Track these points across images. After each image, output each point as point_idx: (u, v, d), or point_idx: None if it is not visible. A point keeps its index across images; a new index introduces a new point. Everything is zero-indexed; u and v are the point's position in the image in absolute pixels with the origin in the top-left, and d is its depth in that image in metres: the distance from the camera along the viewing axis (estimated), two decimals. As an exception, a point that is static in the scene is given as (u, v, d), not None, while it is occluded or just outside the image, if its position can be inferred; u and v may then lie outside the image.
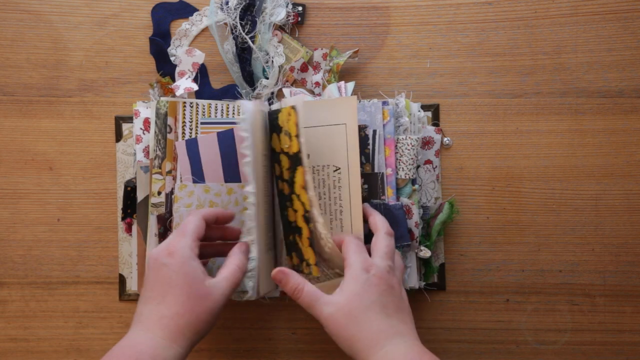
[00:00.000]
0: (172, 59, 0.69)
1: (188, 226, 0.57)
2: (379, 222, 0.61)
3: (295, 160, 0.59)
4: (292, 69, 0.70)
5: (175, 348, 0.53)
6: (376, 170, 0.65)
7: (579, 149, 0.70)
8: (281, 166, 0.61)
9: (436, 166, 0.69)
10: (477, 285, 0.70)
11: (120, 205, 0.69)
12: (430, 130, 0.69)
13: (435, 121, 0.70)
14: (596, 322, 0.70)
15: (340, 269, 0.60)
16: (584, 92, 0.70)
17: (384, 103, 0.66)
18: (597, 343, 0.70)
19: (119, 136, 0.70)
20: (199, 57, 0.67)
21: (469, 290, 0.70)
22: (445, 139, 0.70)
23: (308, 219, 0.60)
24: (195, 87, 0.66)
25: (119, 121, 0.70)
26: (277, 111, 0.61)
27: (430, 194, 0.69)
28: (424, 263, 0.68)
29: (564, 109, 0.70)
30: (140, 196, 0.66)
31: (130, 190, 0.67)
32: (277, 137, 0.60)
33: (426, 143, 0.69)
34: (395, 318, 0.55)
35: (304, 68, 0.70)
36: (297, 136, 0.58)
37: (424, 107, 0.70)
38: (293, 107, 0.59)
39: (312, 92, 0.70)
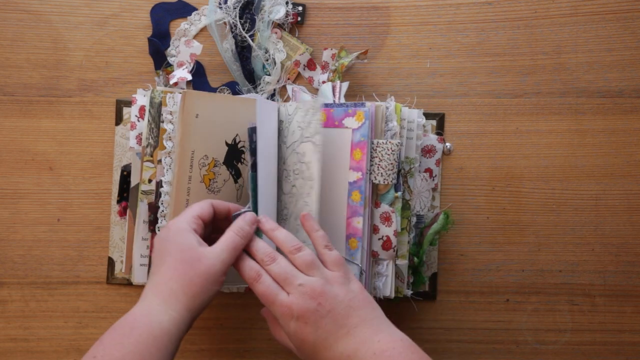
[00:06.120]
0: (170, 60, 0.69)
1: (192, 207, 0.57)
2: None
3: None
4: (297, 63, 0.69)
5: (170, 312, 0.52)
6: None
7: (579, 149, 0.70)
8: None
9: (436, 175, 0.69)
10: (477, 285, 0.70)
11: (115, 187, 0.69)
12: (432, 139, 0.69)
13: (439, 130, 0.70)
14: (596, 322, 0.70)
15: None
16: (584, 92, 0.70)
17: (360, 105, 0.62)
18: (597, 343, 0.70)
19: (119, 119, 0.70)
20: (197, 48, 0.69)
21: (469, 290, 0.70)
22: (446, 144, 0.70)
23: None
24: (189, 76, 0.67)
25: (120, 104, 0.70)
26: None
27: (424, 203, 0.69)
28: (413, 272, 0.67)
29: (564, 109, 0.70)
30: (134, 181, 0.67)
31: (126, 174, 0.68)
32: None
33: (427, 151, 0.69)
34: (342, 341, 0.52)
35: (311, 65, 0.70)
36: None
37: (428, 116, 0.69)
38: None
39: (316, 91, 0.69)
